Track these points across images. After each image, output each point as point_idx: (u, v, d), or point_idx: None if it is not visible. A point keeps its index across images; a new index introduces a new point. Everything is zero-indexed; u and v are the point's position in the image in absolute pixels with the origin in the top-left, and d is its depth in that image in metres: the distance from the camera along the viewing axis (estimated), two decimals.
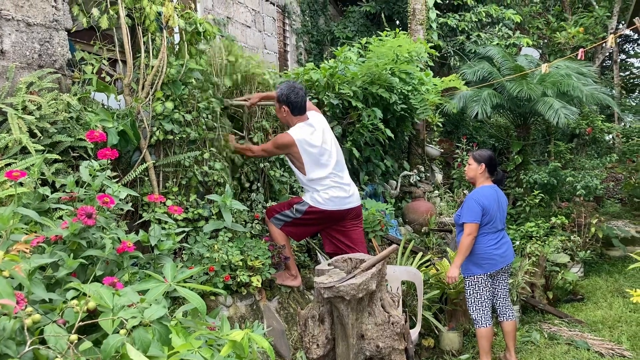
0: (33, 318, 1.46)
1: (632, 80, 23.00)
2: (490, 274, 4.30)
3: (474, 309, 4.30)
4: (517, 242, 6.55)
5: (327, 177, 3.97)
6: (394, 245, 3.41)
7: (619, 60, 22.61)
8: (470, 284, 4.31)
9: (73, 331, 1.47)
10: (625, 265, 7.04)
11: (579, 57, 6.50)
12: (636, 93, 23.71)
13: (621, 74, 22.70)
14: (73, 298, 1.68)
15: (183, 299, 2.55)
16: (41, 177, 2.74)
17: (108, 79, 3.46)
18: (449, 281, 4.29)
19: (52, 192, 2.57)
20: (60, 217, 2.60)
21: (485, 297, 4.29)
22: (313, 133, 3.97)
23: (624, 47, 22.83)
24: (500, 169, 4.55)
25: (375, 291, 3.28)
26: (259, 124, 4.50)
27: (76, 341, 1.46)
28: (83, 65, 3.37)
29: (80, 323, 1.51)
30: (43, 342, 1.49)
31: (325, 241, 4.27)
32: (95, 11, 3.31)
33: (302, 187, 4.21)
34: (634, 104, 21.59)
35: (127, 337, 1.49)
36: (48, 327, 1.50)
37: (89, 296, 1.64)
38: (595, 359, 4.57)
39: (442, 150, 8.28)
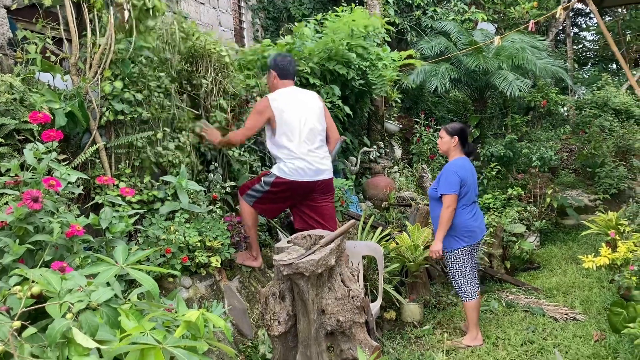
0: None
1: (584, 54, 23.53)
2: (471, 247, 4.37)
3: (461, 283, 4.35)
4: None
5: (296, 148, 3.96)
6: (352, 221, 3.42)
7: (572, 33, 23.04)
8: (454, 259, 4.34)
9: (16, 317, 1.43)
10: (579, 233, 7.28)
11: (529, 29, 6.59)
12: (589, 66, 24.27)
13: (574, 47, 23.22)
14: (17, 284, 1.62)
15: (139, 282, 2.51)
16: None
17: (53, 58, 3.33)
18: (433, 256, 4.31)
19: None
20: (7, 203, 2.51)
21: (470, 269, 4.35)
22: (290, 98, 4.04)
23: (577, 20, 23.28)
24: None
25: (335, 266, 3.29)
26: (216, 102, 4.42)
27: (19, 327, 1.41)
28: (26, 45, 3.23)
29: (25, 309, 1.46)
30: None
31: (296, 217, 4.26)
32: None
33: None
34: (587, 77, 22.10)
35: (74, 322, 1.45)
36: None
37: (34, 281, 1.59)
38: (549, 323, 4.71)
39: (401, 126, 8.33)
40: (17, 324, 1.40)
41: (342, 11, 6.08)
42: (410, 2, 9.20)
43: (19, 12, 3.51)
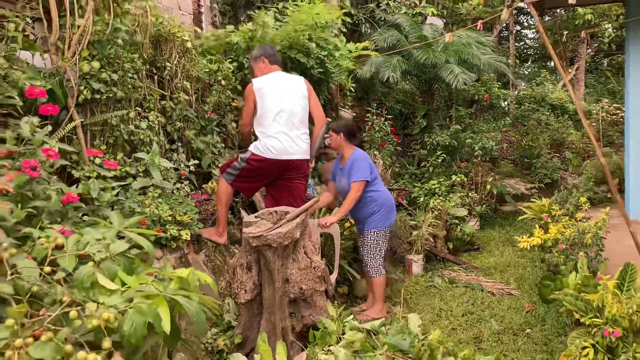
0: (10, 252, 1.62)
1: (525, 51, 24.54)
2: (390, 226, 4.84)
3: (376, 259, 4.75)
4: (422, 199, 7.11)
5: (270, 125, 4.27)
6: (315, 198, 3.73)
7: (514, 31, 23.86)
8: (381, 237, 4.73)
9: (47, 263, 1.65)
10: (515, 218, 7.85)
11: (477, 28, 7.03)
12: (529, 62, 25.27)
13: (517, 44, 24.15)
14: (39, 238, 1.84)
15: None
16: None
17: (32, 37, 3.45)
18: (323, 223, 4.57)
19: None
20: None
21: (385, 246, 4.80)
22: (272, 79, 4.40)
23: (520, 19, 24.19)
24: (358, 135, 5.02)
25: (299, 239, 3.60)
26: (180, 84, 4.60)
27: (49, 272, 1.64)
28: (6, 23, 3.34)
29: (52, 258, 1.69)
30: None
31: (268, 197, 4.58)
32: None
33: None
34: (527, 73, 23.03)
35: (96, 268, 1.69)
36: (20, 261, 1.67)
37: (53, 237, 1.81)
38: (487, 297, 5.19)
39: (355, 114, 8.66)
40: (47, 269, 1.63)
41: (301, 0, 6.32)
42: None
43: None
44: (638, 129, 7.30)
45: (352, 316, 3.02)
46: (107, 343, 1.48)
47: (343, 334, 2.51)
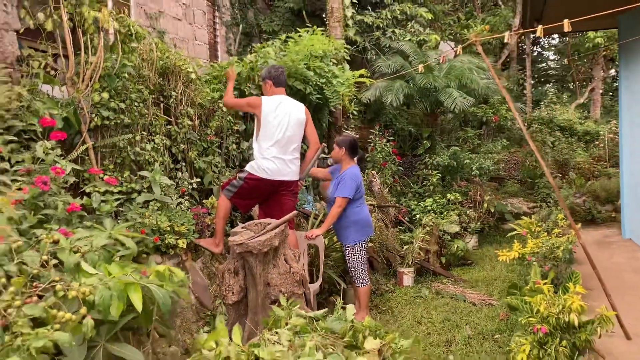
0: (18, 244, 2.15)
1: (545, 72, 24.73)
2: (367, 240, 5.25)
3: (360, 271, 5.16)
4: (418, 215, 7.53)
5: (268, 149, 4.72)
6: (293, 212, 4.22)
7: (535, 53, 24.11)
8: (357, 250, 5.15)
9: (45, 254, 2.18)
10: (513, 236, 8.18)
11: (441, 61, 7.41)
12: (550, 84, 25.40)
13: (538, 65, 24.36)
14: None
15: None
16: None
17: (52, 72, 4.06)
18: (309, 235, 5.02)
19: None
20: (20, 188, 3.23)
21: (365, 258, 5.22)
22: (278, 106, 4.81)
23: (539, 40, 24.42)
24: (361, 150, 5.42)
25: (279, 247, 4.08)
26: (185, 110, 5.17)
27: (47, 260, 2.16)
28: (30, 61, 3.95)
29: (50, 249, 2.21)
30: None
31: (260, 211, 5.04)
32: (40, 15, 3.90)
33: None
34: (548, 94, 23.17)
35: (82, 258, 2.21)
36: (25, 252, 2.20)
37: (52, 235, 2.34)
38: (468, 307, 5.57)
39: (357, 136, 9.15)
40: (45, 257, 2.15)
41: (305, 32, 6.89)
42: (371, 23, 10.08)
43: (24, 32, 4.22)
44: (630, 151, 7.60)
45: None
46: (83, 310, 2.00)
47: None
